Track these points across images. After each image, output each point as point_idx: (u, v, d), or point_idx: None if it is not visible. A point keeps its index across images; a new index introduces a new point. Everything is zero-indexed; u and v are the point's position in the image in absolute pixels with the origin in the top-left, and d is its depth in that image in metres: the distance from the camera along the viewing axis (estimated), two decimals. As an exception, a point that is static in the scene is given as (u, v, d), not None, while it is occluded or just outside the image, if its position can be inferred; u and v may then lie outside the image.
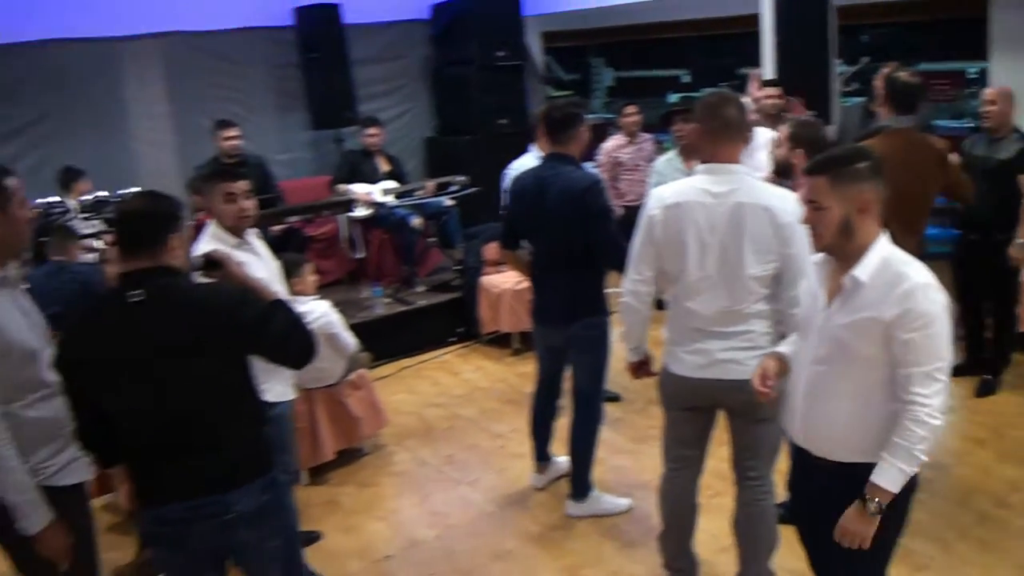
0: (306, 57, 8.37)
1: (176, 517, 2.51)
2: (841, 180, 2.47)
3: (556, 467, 4.70)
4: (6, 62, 7.27)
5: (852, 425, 2.53)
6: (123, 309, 2.43)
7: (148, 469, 2.54)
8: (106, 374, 2.44)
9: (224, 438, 2.53)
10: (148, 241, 2.46)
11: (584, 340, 4.27)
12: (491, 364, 6.65)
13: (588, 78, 14.05)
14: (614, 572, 3.91)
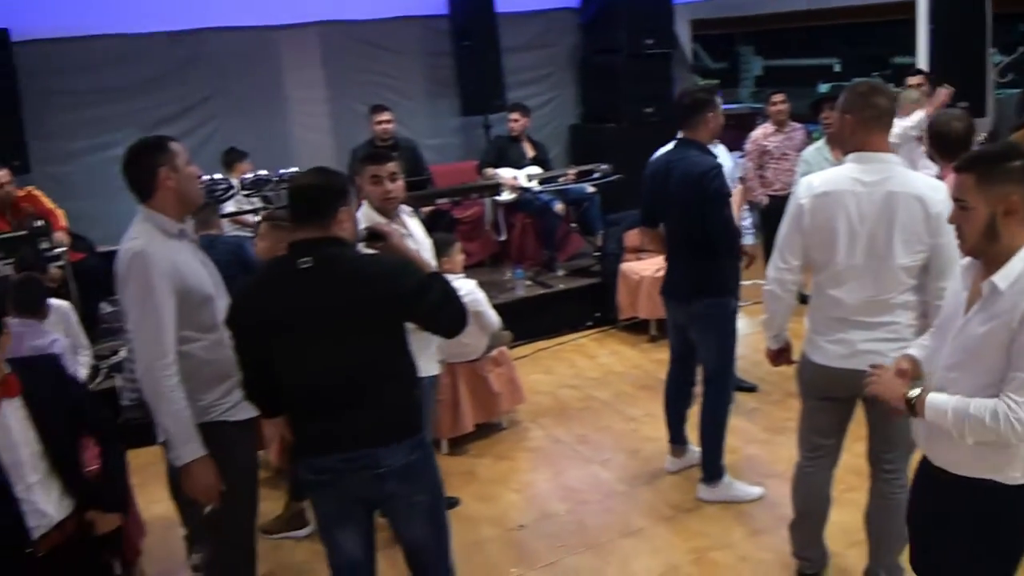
0: (459, 45, 8.62)
1: (331, 467, 2.73)
2: (989, 179, 2.36)
3: (691, 454, 4.77)
4: (173, 48, 7.85)
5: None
6: (292, 274, 2.65)
7: (308, 422, 2.77)
8: (273, 333, 2.68)
9: (379, 398, 2.72)
10: (319, 213, 2.67)
11: (704, 319, 4.35)
12: (627, 349, 6.75)
13: (736, 67, 13.90)
14: (742, 557, 3.98)
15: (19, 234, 5.76)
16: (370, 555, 2.92)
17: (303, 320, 2.64)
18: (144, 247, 2.89)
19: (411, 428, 2.80)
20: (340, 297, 2.63)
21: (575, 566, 3.98)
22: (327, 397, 2.72)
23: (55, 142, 7.49)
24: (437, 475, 2.93)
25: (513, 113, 7.76)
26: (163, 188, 2.98)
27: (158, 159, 2.99)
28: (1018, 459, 2.41)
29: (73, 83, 7.49)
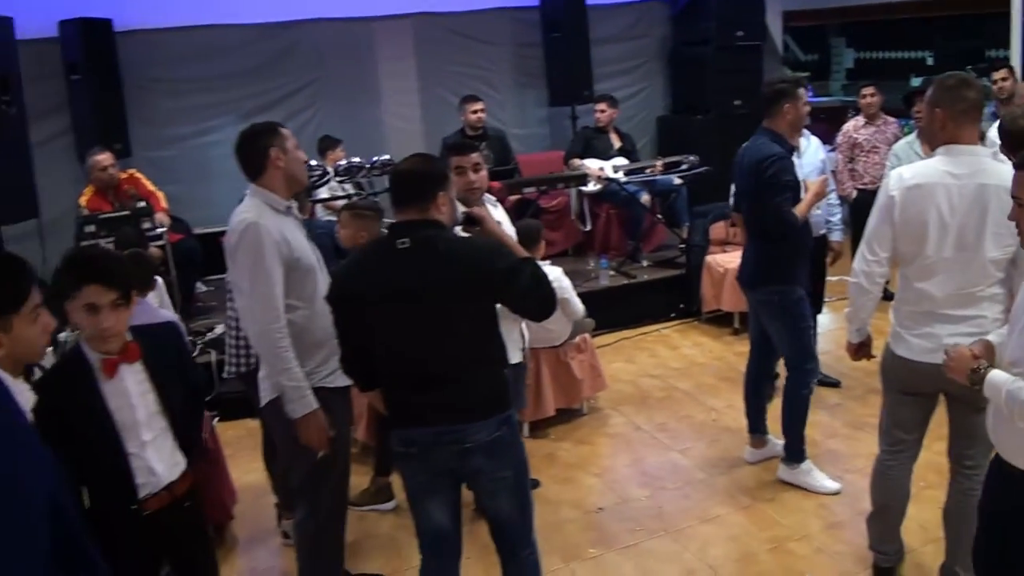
0: (549, 36, 8.71)
1: (421, 440, 2.87)
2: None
3: (771, 446, 4.79)
4: (272, 39, 8.13)
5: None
6: (391, 254, 2.78)
7: (401, 395, 2.90)
8: (372, 309, 2.81)
9: (469, 375, 2.84)
10: (418, 196, 2.79)
11: (769, 306, 4.42)
12: (709, 341, 6.77)
13: (827, 59, 13.65)
14: (818, 549, 4.00)
15: (122, 214, 6.04)
16: (456, 526, 3.04)
17: (400, 298, 2.76)
18: (256, 219, 3.11)
19: (498, 405, 2.90)
20: (435, 277, 2.74)
21: (653, 549, 4.05)
22: (420, 373, 2.84)
23: (155, 128, 7.84)
24: (522, 452, 3.03)
25: (600, 104, 7.82)
26: (273, 167, 3.20)
27: (269, 140, 3.21)
28: None
29: (174, 72, 7.82)
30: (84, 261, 2.57)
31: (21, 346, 2.11)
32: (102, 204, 6.39)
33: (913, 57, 12.00)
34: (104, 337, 2.51)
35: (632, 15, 9.35)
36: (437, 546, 3.04)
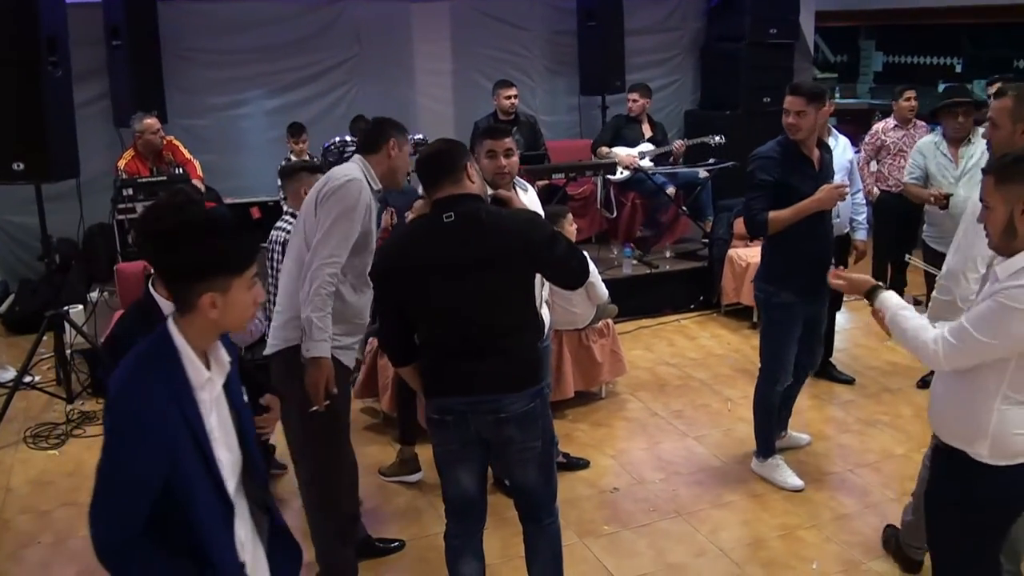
0: (584, 25, 8.78)
1: (457, 408, 2.99)
2: (1005, 180, 2.52)
3: (789, 438, 4.89)
4: (312, 15, 8.25)
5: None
6: (437, 228, 2.91)
7: (440, 365, 3.02)
8: (416, 280, 2.93)
9: (508, 347, 2.96)
10: (447, 170, 2.93)
11: (756, 301, 4.61)
12: (727, 334, 6.86)
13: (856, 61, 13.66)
14: (827, 538, 4.11)
15: (160, 179, 6.18)
16: (483, 493, 3.17)
17: (446, 270, 2.88)
18: (361, 179, 3.36)
19: (534, 378, 3.02)
20: (480, 248, 2.86)
21: (666, 529, 4.17)
22: (462, 343, 2.96)
23: (191, 96, 7.98)
24: (551, 425, 3.15)
25: (633, 93, 7.88)
26: (385, 153, 3.47)
27: (393, 133, 3.49)
28: (986, 437, 2.58)
29: (213, 43, 7.98)
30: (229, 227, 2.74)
31: (232, 312, 2.06)
32: (140, 168, 6.54)
33: (942, 63, 12.02)
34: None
35: (667, 7, 9.42)
36: (464, 512, 3.17)
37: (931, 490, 2.89)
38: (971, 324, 2.52)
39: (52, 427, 5.45)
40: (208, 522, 2.05)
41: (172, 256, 2.04)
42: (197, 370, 2.05)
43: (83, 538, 4.21)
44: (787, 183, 4.22)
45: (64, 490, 4.77)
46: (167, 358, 2.03)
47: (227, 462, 2.11)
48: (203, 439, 2.03)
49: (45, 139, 5.20)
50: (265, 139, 8.25)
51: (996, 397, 2.56)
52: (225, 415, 2.15)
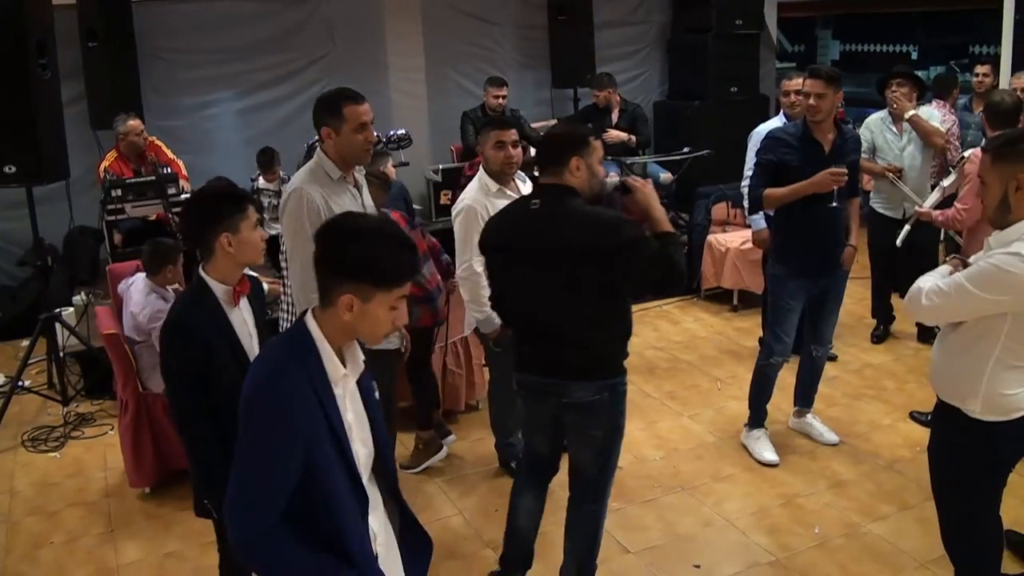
0: (555, 19, 8.91)
1: (531, 384, 3.24)
2: (1001, 159, 2.74)
3: (810, 424, 4.97)
4: (284, 13, 8.27)
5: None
6: (524, 213, 3.07)
7: (519, 340, 3.26)
8: (502, 258, 3.15)
9: (579, 337, 3.07)
10: (554, 160, 3.03)
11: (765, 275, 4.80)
12: (710, 317, 7.04)
13: (813, 50, 13.95)
14: (826, 504, 4.29)
15: (148, 179, 6.19)
16: (555, 456, 3.49)
17: (525, 254, 3.03)
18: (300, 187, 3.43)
19: (605, 371, 3.13)
20: (556, 239, 2.96)
21: (672, 503, 4.32)
22: (531, 325, 3.15)
23: (167, 97, 7.96)
24: (619, 419, 3.24)
25: (595, 91, 7.94)
26: (327, 138, 3.44)
27: (326, 119, 3.43)
28: (978, 396, 2.82)
29: (187, 43, 7.95)
30: (231, 193, 2.88)
31: (365, 322, 2.10)
32: (124, 170, 6.53)
33: (897, 51, 12.33)
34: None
35: (634, 1, 9.57)
36: (535, 467, 3.52)
37: (932, 443, 3.12)
38: (965, 278, 2.75)
39: (49, 430, 5.45)
40: (344, 514, 2.08)
41: (330, 246, 2.05)
42: (334, 365, 2.06)
43: (95, 536, 4.31)
44: (787, 164, 4.35)
45: (69, 491, 4.80)
46: (306, 351, 2.04)
47: (362, 456, 2.15)
48: (341, 433, 2.05)
49: (36, 142, 5.20)
50: (240, 138, 8.27)
51: (989, 361, 2.79)
52: (360, 410, 2.16)
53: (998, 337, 2.76)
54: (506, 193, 4.03)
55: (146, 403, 4.58)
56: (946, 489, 3.07)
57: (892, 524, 4.07)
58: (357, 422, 2.14)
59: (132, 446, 4.56)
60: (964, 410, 2.87)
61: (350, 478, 2.10)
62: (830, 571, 3.75)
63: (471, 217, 3.93)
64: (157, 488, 4.68)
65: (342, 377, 2.09)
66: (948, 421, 2.94)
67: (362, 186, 3.65)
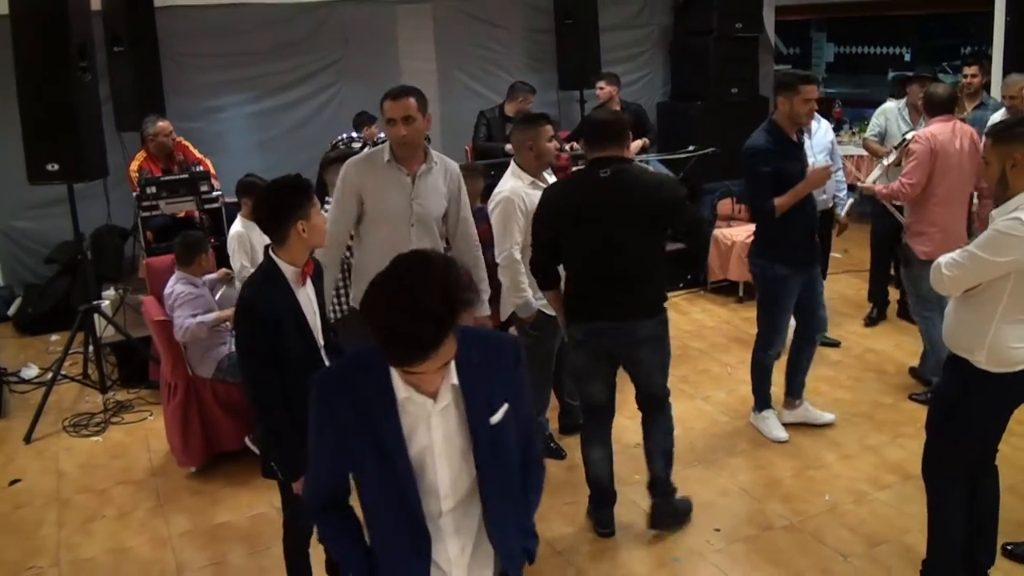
0: (561, 23, 9.21)
1: (599, 331, 3.80)
2: (1000, 141, 3.14)
3: (806, 411, 5.17)
4: (301, 18, 8.57)
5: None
6: (596, 181, 3.65)
7: (587, 293, 3.77)
8: (572, 221, 3.67)
9: (643, 281, 3.74)
10: (615, 137, 3.68)
11: (753, 276, 5.10)
12: (717, 308, 7.33)
13: (808, 53, 14.24)
14: (835, 475, 4.58)
15: (182, 177, 6.46)
16: (612, 399, 4.10)
17: (601, 215, 3.63)
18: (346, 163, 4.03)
19: (662, 307, 3.89)
20: (629, 200, 3.62)
21: (690, 476, 4.60)
22: (609, 274, 3.70)
23: (188, 100, 8.22)
24: (668, 339, 3.99)
25: (600, 82, 7.98)
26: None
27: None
28: (983, 348, 3.14)
29: (206, 47, 8.23)
30: (304, 184, 3.14)
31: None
32: (153, 170, 6.78)
33: (891, 53, 12.62)
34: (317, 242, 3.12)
35: (636, 5, 9.91)
36: (596, 414, 4.09)
37: (938, 387, 3.49)
38: (975, 247, 3.11)
39: (89, 416, 5.71)
40: (387, 542, 2.13)
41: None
42: (398, 384, 1.98)
43: (146, 510, 4.58)
44: (781, 169, 4.60)
45: (116, 471, 5.05)
46: (377, 370, 1.98)
47: (446, 480, 2.06)
48: (392, 447, 1.99)
49: (79, 141, 5.45)
50: (257, 140, 8.55)
51: (994, 317, 3.12)
52: (453, 431, 2.04)
53: (1002, 295, 3.10)
54: (539, 184, 4.31)
55: (195, 386, 4.84)
56: (943, 425, 3.36)
57: (897, 491, 4.37)
58: (446, 442, 2.04)
59: (181, 427, 4.81)
60: (972, 361, 3.19)
61: (399, 501, 2.03)
62: (840, 533, 4.05)
63: (510, 207, 4.22)
64: (201, 469, 4.93)
65: (404, 400, 1.99)
66: (957, 370, 3.26)
67: (423, 175, 3.95)
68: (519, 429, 2.16)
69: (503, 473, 2.12)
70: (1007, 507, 3.63)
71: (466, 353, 1.98)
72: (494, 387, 2.07)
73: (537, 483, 2.31)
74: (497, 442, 2.08)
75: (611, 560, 3.99)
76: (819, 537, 4.03)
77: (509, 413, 2.09)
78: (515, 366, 2.16)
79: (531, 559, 2.29)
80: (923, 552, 3.57)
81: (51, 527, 4.48)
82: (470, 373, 2.02)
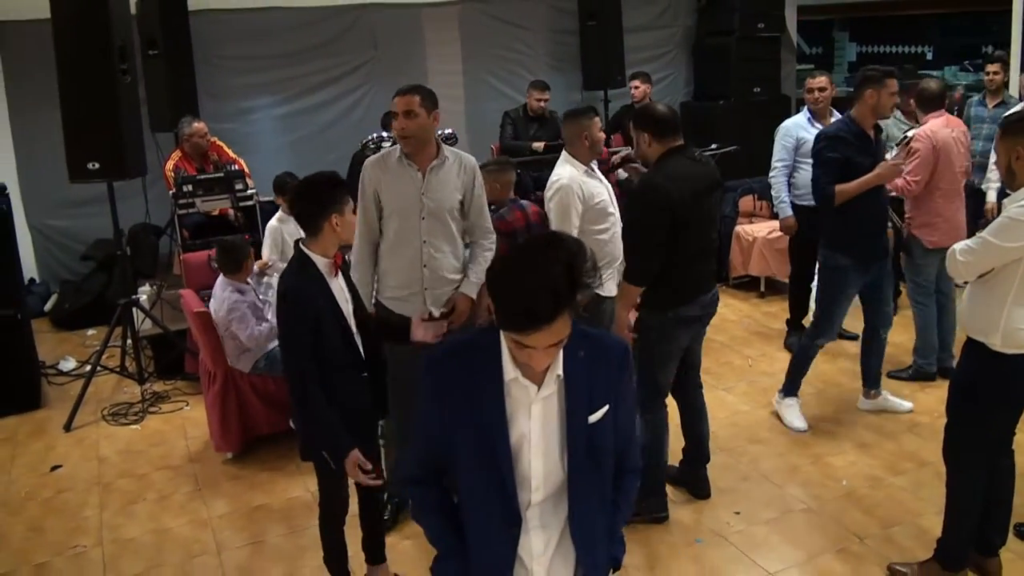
0: (585, 24, 9.35)
1: (708, 302, 4.12)
2: (1006, 134, 3.26)
3: (885, 400, 5.29)
4: (331, 21, 8.76)
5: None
6: (694, 164, 3.96)
7: (693, 271, 4.01)
8: (691, 202, 3.83)
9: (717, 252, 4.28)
10: (679, 126, 3.98)
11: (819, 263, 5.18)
12: (739, 303, 7.45)
13: (831, 52, 14.31)
14: (852, 462, 4.70)
15: (217, 176, 6.65)
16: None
17: (707, 193, 3.97)
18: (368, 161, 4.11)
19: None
20: (712, 175, 4.03)
21: (713, 462, 4.67)
22: (710, 249, 4.10)
23: (222, 102, 8.43)
24: None
25: (634, 81, 8.29)
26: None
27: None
28: (998, 331, 3.26)
29: (240, 50, 8.45)
30: (340, 181, 3.28)
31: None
32: (188, 169, 6.97)
33: (913, 52, 12.68)
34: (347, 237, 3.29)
35: (660, 6, 10.04)
36: (664, 397, 4.26)
37: (958, 370, 3.54)
38: (987, 233, 3.24)
39: (128, 406, 5.91)
40: (477, 520, 2.14)
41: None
42: (506, 366, 2.02)
43: (185, 494, 4.76)
44: (851, 159, 4.73)
45: (155, 457, 5.24)
46: (489, 351, 2.04)
47: (539, 471, 2.08)
48: (495, 432, 2.03)
49: (120, 140, 5.64)
50: (287, 141, 8.75)
51: (1007, 300, 3.23)
52: (552, 423, 2.07)
53: (1014, 279, 3.22)
54: (592, 173, 4.50)
55: (233, 376, 5.02)
56: (962, 407, 3.48)
57: (912, 477, 4.48)
58: (543, 433, 2.06)
59: (220, 414, 4.99)
60: (987, 344, 3.30)
61: (496, 485, 2.06)
62: (857, 516, 4.16)
63: (568, 195, 4.34)
64: (239, 455, 5.11)
65: (511, 381, 2.03)
66: (974, 353, 3.38)
67: (434, 170, 4.00)
68: (619, 434, 2.16)
69: (594, 474, 2.12)
70: (1018, 491, 3.72)
71: (575, 347, 2.01)
72: (597, 386, 2.08)
73: (630, 493, 2.29)
74: (593, 442, 2.08)
75: (634, 540, 4.11)
76: (836, 519, 4.16)
77: (609, 415, 2.09)
78: (621, 369, 2.15)
79: (616, 567, 2.27)
80: (937, 533, 3.68)
81: (93, 509, 4.67)
82: (576, 367, 2.04)
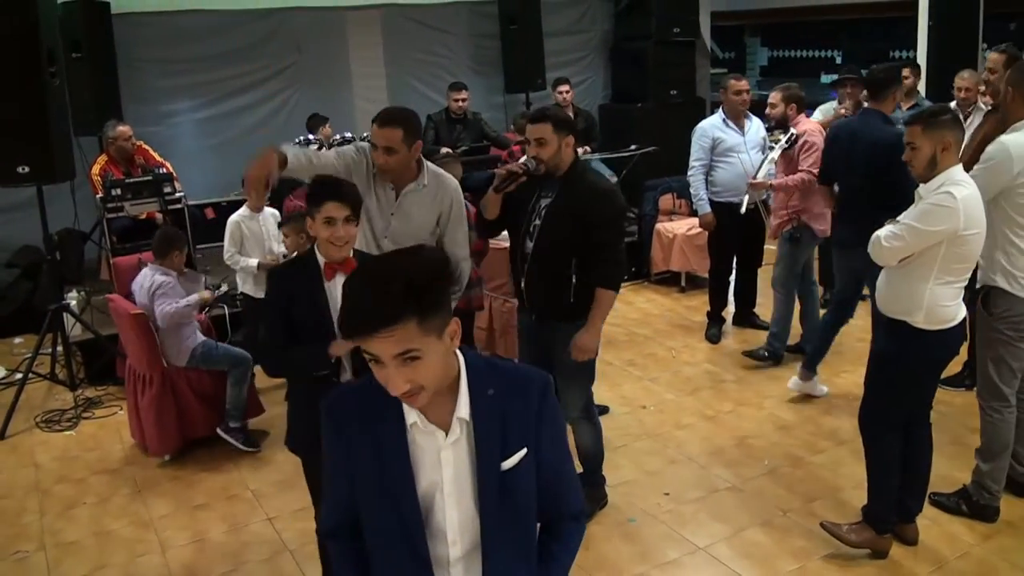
0: (506, 28, 9.56)
1: None
2: (931, 127, 3.49)
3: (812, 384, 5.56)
4: (254, 24, 8.80)
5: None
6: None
7: None
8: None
9: None
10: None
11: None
12: (660, 298, 7.73)
13: (743, 57, 14.79)
14: (774, 443, 4.99)
15: (145, 179, 6.64)
16: None
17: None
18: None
19: None
20: None
21: (640, 447, 4.96)
22: None
23: (146, 105, 8.39)
24: None
25: (562, 85, 8.54)
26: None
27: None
28: (921, 309, 3.53)
29: (164, 53, 8.41)
30: (326, 183, 3.19)
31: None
32: (114, 173, 6.95)
33: (822, 56, 13.21)
34: (337, 245, 3.12)
35: (579, 10, 10.32)
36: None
37: (877, 348, 3.81)
38: (911, 219, 3.49)
39: (60, 412, 5.87)
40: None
41: None
42: (407, 412, 1.84)
43: (125, 496, 4.79)
44: None
45: (91, 462, 5.23)
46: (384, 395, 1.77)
47: (454, 523, 1.89)
48: (395, 484, 1.85)
49: (49, 143, 5.61)
50: (211, 144, 8.74)
51: (929, 279, 3.50)
52: (464, 470, 1.87)
53: (934, 262, 3.47)
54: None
55: (170, 377, 5.06)
56: (879, 385, 3.75)
57: (830, 456, 4.78)
58: (455, 483, 1.87)
59: (156, 417, 5.02)
60: (910, 322, 3.56)
61: (402, 538, 1.88)
62: (779, 493, 4.43)
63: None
64: (174, 457, 5.15)
65: (411, 426, 1.85)
66: (894, 332, 3.64)
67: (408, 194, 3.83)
68: (547, 479, 1.95)
69: (511, 525, 1.93)
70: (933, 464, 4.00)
71: (481, 385, 1.85)
72: (512, 426, 1.88)
73: (570, 543, 2.06)
74: (508, 489, 1.88)
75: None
76: (760, 496, 4.42)
77: (528, 459, 1.90)
78: (540, 406, 1.91)
79: None
80: (856, 507, 3.97)
81: (33, 515, 4.65)
82: (485, 407, 1.85)
